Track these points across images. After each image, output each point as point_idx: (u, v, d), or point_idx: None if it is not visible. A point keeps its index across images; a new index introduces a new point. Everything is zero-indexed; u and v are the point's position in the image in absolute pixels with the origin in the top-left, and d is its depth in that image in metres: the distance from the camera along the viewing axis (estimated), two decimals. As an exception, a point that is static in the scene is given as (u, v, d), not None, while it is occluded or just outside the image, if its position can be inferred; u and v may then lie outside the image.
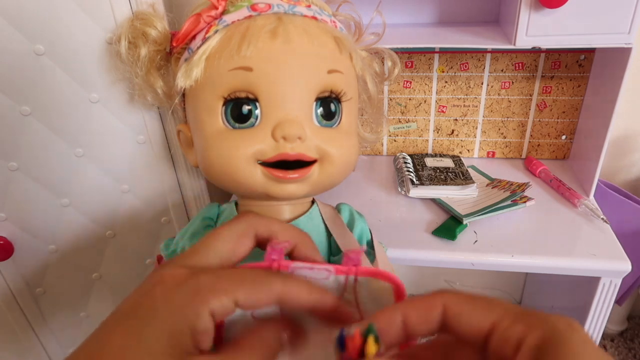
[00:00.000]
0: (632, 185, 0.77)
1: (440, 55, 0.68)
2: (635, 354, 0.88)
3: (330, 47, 0.37)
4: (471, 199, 0.61)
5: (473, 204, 0.59)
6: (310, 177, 0.37)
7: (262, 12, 0.36)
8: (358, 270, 0.30)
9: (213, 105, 0.36)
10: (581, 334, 0.22)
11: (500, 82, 0.68)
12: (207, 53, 0.36)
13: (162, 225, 0.59)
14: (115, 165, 0.53)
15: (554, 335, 0.21)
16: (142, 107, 0.50)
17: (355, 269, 0.30)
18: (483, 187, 0.64)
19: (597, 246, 0.52)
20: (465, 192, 0.61)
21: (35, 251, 0.55)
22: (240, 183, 0.37)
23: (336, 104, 0.38)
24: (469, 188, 0.61)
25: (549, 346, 0.21)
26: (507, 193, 0.60)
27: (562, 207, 0.60)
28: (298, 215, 0.40)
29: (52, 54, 0.46)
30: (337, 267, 0.29)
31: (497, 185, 0.64)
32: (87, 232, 0.56)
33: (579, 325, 0.22)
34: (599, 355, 0.21)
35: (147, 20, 0.42)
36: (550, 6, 0.48)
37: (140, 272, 0.61)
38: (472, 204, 0.59)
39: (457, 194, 0.61)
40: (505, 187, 0.62)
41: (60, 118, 0.49)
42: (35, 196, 0.52)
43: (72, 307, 0.61)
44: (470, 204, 0.59)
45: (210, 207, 0.43)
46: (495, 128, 0.72)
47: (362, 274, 0.30)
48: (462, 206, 0.59)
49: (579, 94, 0.67)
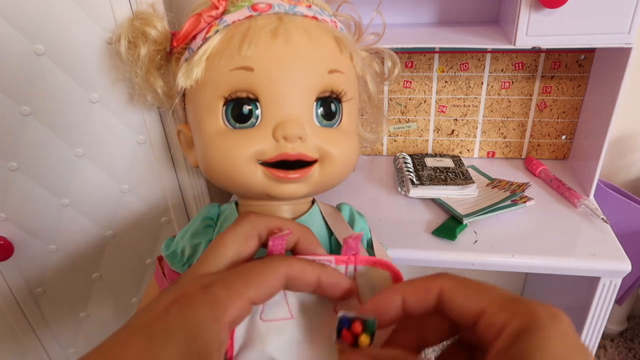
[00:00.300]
0: (632, 185, 0.77)
1: (440, 55, 0.68)
2: (635, 354, 0.88)
3: (330, 47, 0.37)
4: (471, 199, 0.61)
5: (473, 204, 0.59)
6: (310, 177, 0.37)
7: (263, 12, 0.36)
8: (357, 259, 0.31)
9: (213, 105, 0.36)
10: (562, 325, 0.22)
11: (500, 82, 0.68)
12: (208, 53, 0.36)
13: (162, 225, 0.59)
14: (115, 165, 0.53)
15: (534, 323, 0.22)
16: (142, 107, 0.50)
17: (355, 258, 0.31)
18: (483, 187, 0.64)
19: (597, 246, 0.52)
20: (465, 192, 0.61)
21: (35, 251, 0.55)
22: (241, 183, 0.37)
23: (337, 104, 0.38)
24: (469, 188, 0.61)
25: (526, 332, 0.21)
26: (507, 193, 0.60)
27: (562, 207, 0.60)
28: (298, 215, 0.40)
29: (52, 54, 0.46)
30: (337, 257, 0.30)
31: (497, 185, 0.64)
32: (87, 232, 0.56)
33: (563, 316, 0.23)
34: (576, 348, 0.22)
35: (147, 20, 0.42)
36: (550, 6, 0.48)
37: (140, 272, 0.61)
38: (472, 204, 0.59)
39: (457, 194, 0.61)
40: (505, 187, 0.62)
41: (60, 118, 0.49)
42: (35, 196, 0.52)
43: (72, 307, 0.61)
44: (470, 204, 0.59)
45: (211, 207, 0.43)
46: (495, 128, 0.72)
47: (361, 263, 0.31)
48: (462, 206, 0.59)
49: (579, 94, 0.67)
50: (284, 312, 0.31)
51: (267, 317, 0.31)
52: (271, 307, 0.31)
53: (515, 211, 0.58)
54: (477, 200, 0.61)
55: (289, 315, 0.31)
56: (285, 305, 0.31)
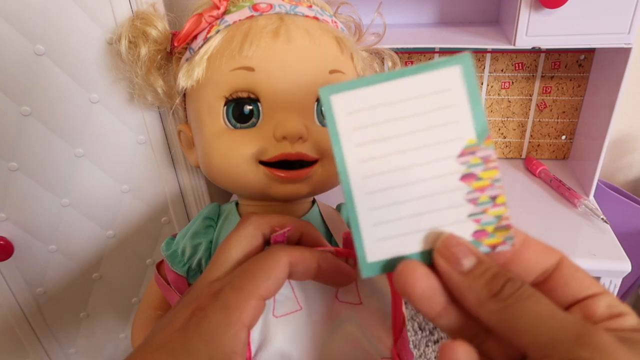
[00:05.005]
0: (632, 185, 0.77)
1: (440, 55, 0.68)
2: (635, 353, 0.88)
3: (331, 48, 0.37)
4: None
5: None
6: (311, 177, 0.37)
7: (264, 12, 0.36)
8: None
9: (214, 105, 0.36)
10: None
11: (500, 82, 0.68)
12: (209, 53, 0.36)
13: (162, 225, 0.59)
14: (115, 165, 0.53)
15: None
16: (142, 107, 0.50)
17: (354, 252, 0.31)
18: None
19: (597, 246, 0.52)
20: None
21: (35, 251, 0.55)
22: (241, 183, 0.37)
23: (337, 104, 0.38)
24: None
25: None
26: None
27: (562, 207, 0.60)
28: (299, 216, 0.40)
29: (52, 54, 0.46)
30: (338, 250, 0.31)
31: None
32: (87, 232, 0.56)
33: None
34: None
35: (148, 20, 0.42)
36: (550, 6, 0.49)
37: (141, 272, 0.61)
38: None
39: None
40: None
41: (61, 118, 0.49)
42: (35, 196, 0.52)
43: (72, 307, 0.61)
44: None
45: (211, 207, 0.43)
46: (495, 128, 0.72)
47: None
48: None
49: (579, 94, 0.67)
50: (294, 304, 0.32)
51: (279, 312, 0.31)
52: (282, 303, 0.32)
53: (515, 211, 0.58)
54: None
55: (298, 307, 0.32)
56: (294, 297, 0.32)
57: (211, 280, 0.27)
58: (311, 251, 0.29)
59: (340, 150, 0.22)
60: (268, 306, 0.32)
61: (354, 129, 0.22)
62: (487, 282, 0.21)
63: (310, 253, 0.28)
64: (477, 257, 0.22)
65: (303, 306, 0.32)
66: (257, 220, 0.30)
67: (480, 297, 0.21)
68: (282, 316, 0.31)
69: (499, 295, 0.21)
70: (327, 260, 0.29)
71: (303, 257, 0.28)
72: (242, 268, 0.27)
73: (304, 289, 0.32)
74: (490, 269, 0.22)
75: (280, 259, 0.27)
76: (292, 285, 0.32)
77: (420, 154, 0.22)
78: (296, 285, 0.32)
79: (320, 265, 0.29)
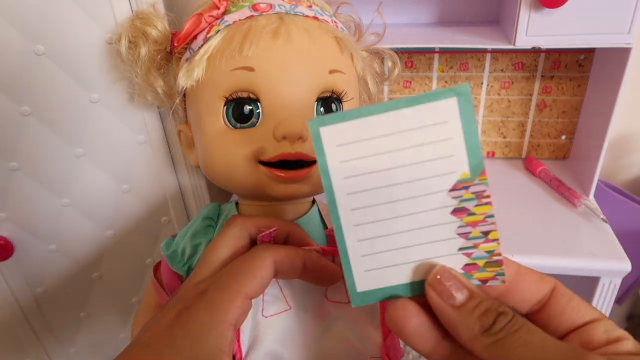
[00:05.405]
0: (632, 185, 0.77)
1: (440, 55, 0.68)
2: (635, 353, 0.88)
3: (331, 47, 0.37)
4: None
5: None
6: (311, 177, 0.37)
7: (264, 12, 0.36)
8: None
9: (214, 105, 0.36)
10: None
11: (500, 82, 0.68)
12: (209, 53, 0.36)
13: (162, 225, 0.59)
14: (115, 165, 0.53)
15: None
16: (142, 107, 0.50)
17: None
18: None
19: (596, 246, 0.52)
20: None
21: (35, 251, 0.55)
22: (241, 183, 0.37)
23: (337, 104, 0.38)
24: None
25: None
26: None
27: (562, 207, 0.60)
28: (299, 216, 0.40)
29: (52, 54, 0.46)
30: (324, 249, 0.31)
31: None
32: (87, 232, 0.56)
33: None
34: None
35: (148, 20, 0.42)
36: (550, 6, 0.49)
37: (141, 272, 0.61)
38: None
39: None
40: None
41: (60, 118, 0.49)
42: (35, 196, 0.52)
43: (72, 307, 0.61)
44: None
45: (211, 206, 0.43)
46: (495, 128, 0.72)
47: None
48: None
49: (579, 94, 0.67)
50: (282, 304, 0.32)
51: (269, 312, 0.31)
52: (271, 303, 0.32)
53: (515, 211, 0.58)
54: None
55: (287, 307, 0.32)
56: (283, 297, 0.32)
57: (198, 281, 0.27)
58: (296, 250, 0.29)
59: (329, 183, 0.22)
60: (257, 306, 0.32)
61: (343, 161, 0.22)
62: (480, 317, 0.21)
63: (296, 252, 0.29)
64: (469, 291, 0.22)
65: (292, 306, 0.32)
66: (244, 221, 0.31)
67: (473, 332, 0.21)
68: (272, 316, 0.31)
69: (491, 330, 0.21)
70: (312, 259, 0.29)
71: (288, 255, 0.28)
72: (228, 268, 0.27)
73: (292, 288, 0.32)
74: (482, 302, 0.22)
75: (265, 258, 0.27)
76: (280, 285, 0.33)
77: (411, 188, 0.22)
78: (284, 285, 0.32)
79: (306, 264, 0.29)
